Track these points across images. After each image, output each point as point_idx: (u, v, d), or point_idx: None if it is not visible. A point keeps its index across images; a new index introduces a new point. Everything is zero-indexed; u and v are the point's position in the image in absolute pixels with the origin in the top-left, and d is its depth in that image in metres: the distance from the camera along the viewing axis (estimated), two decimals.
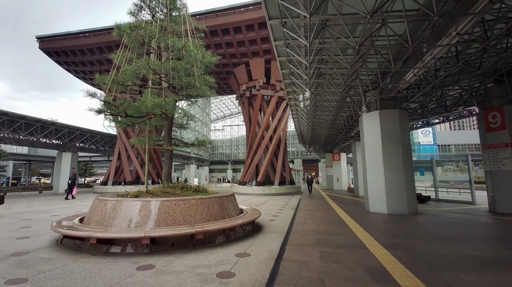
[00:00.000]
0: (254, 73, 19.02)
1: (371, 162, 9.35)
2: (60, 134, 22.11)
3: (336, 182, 25.21)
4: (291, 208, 10.08)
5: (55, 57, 21.72)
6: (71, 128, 22.78)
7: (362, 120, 9.88)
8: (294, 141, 62.90)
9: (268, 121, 19.20)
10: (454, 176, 17.31)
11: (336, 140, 20.49)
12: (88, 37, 19.73)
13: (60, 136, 22.36)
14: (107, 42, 19.24)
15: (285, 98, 19.73)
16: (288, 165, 20.25)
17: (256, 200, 13.58)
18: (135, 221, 4.53)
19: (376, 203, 9.00)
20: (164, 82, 6.40)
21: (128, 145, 22.20)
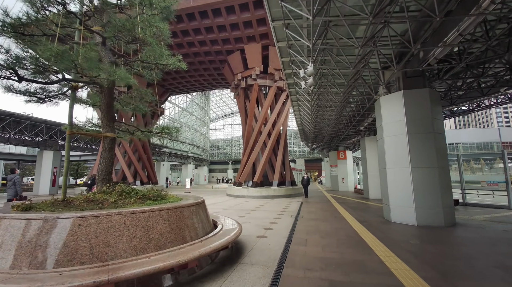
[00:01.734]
0: (250, 61, 17.00)
1: (392, 157, 7.27)
2: (37, 130, 20.24)
3: (341, 182, 23.09)
4: (290, 216, 8.04)
5: None
6: (50, 124, 20.88)
7: (379, 105, 7.80)
8: (296, 139, 60.86)
9: (266, 115, 17.17)
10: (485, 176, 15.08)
11: (342, 136, 18.39)
12: None
13: (37, 132, 20.52)
14: None
15: (284, 89, 17.69)
16: (288, 163, 18.20)
17: (250, 204, 11.55)
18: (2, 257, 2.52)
19: (400, 211, 6.91)
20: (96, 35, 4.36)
21: None
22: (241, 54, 17.32)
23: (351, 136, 18.63)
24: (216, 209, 9.81)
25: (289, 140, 61.41)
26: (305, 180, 15.03)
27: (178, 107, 41.93)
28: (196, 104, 48.82)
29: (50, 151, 21.29)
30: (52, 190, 20.92)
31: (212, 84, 23.29)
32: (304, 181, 15.02)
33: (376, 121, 8.26)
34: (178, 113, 42.64)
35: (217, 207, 10.51)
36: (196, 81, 22.28)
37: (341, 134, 18.25)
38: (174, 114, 41.15)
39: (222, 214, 8.16)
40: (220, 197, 15.46)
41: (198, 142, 49.19)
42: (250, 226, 6.36)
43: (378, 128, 8.12)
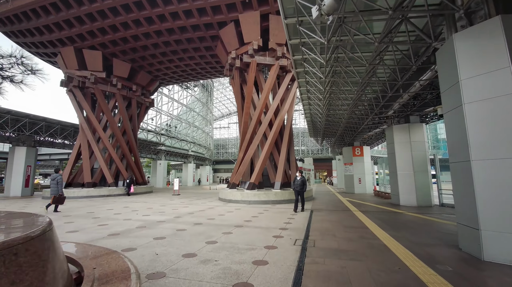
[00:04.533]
0: (247, 34, 13.82)
1: (492, 139, 3.93)
2: (19, 125, 17.74)
3: (357, 183, 19.59)
4: (292, 243, 4.80)
5: None
6: (32, 118, 18.37)
7: (451, 49, 4.45)
8: (305, 138, 57.40)
9: (266, 100, 13.94)
10: None
11: (360, 127, 14.93)
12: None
13: (20, 127, 18.03)
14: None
15: (289, 69, 14.43)
16: (294, 160, 14.91)
17: (240, 215, 8.37)
18: None
19: (507, 243, 3.57)
20: None
21: (92, 138, 17.51)
22: (236, 27, 14.15)
23: (372, 127, 15.15)
24: (186, 223, 6.69)
25: (297, 139, 57.98)
26: (297, 182, 8.87)
27: (177, 103, 39.19)
28: (197, 100, 46.03)
29: (23, 147, 18.74)
30: (25, 191, 18.37)
31: (206, 70, 20.22)
32: (297, 184, 8.86)
33: (442, 81, 4.91)
34: (177, 108, 39.93)
35: (189, 220, 7.37)
36: (187, 65, 19.26)
37: (358, 125, 14.81)
38: (173, 110, 38.43)
39: (188, 233, 5.03)
40: (210, 202, 12.35)
41: (199, 140, 46.37)
42: (212, 275, 3.17)
43: (445, 94, 4.78)
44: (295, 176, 9.07)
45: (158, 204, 11.41)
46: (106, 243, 4.72)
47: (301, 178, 8.93)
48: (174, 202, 12.57)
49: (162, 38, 15.73)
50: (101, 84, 17.94)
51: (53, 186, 8.53)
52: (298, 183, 8.86)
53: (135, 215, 8.15)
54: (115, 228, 6.12)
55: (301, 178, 8.93)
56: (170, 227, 6.15)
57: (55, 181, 8.54)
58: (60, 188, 8.57)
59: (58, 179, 8.58)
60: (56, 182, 8.54)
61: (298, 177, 8.98)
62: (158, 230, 5.80)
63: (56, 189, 8.46)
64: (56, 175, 8.67)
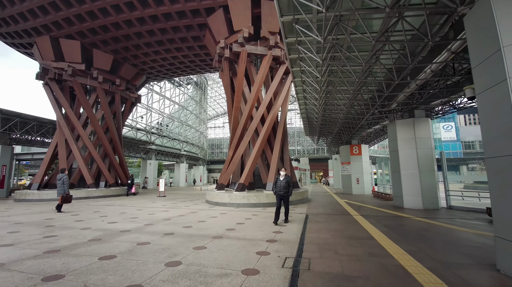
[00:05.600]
0: (237, 22, 12.65)
1: None
2: None
3: (355, 184, 18.59)
4: (280, 262, 3.64)
5: None
6: (5, 113, 16.90)
7: (490, 2, 3.36)
8: (300, 138, 56.52)
9: (258, 94, 12.78)
10: None
11: (358, 124, 13.87)
12: None
13: None
14: None
15: (283, 61, 13.30)
16: (289, 158, 13.79)
17: (223, 222, 7.19)
18: None
19: None
20: None
21: (70, 136, 16.11)
22: (225, 14, 12.97)
23: (372, 123, 14.11)
24: (155, 233, 5.48)
25: (293, 138, 57.03)
26: (280, 183, 6.80)
27: (169, 100, 37.79)
28: (191, 98, 44.68)
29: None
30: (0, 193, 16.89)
31: (195, 63, 18.95)
32: (279, 185, 6.79)
33: (474, 53, 3.80)
34: (168, 106, 38.50)
35: (160, 229, 6.16)
36: (174, 58, 17.97)
37: (357, 121, 13.74)
38: (164, 108, 37.00)
39: (149, 250, 3.85)
40: (194, 206, 11.14)
41: (193, 140, 44.99)
42: None
43: (479, 68, 3.67)
44: (277, 175, 6.96)
45: (135, 208, 10.16)
46: (31, 265, 3.50)
47: (285, 178, 6.78)
48: (155, 205, 11.32)
49: (145, 26, 14.45)
50: (80, 77, 16.56)
51: (59, 186, 8.66)
52: (281, 185, 6.71)
53: (98, 223, 6.91)
54: (60, 241, 4.88)
55: (285, 178, 6.78)
56: (130, 240, 4.94)
57: (61, 181, 8.68)
58: (66, 188, 8.72)
59: (64, 179, 8.72)
60: (62, 182, 8.68)
61: (281, 177, 6.84)
62: (113, 245, 4.59)
63: (62, 189, 8.62)
64: (62, 175, 8.79)
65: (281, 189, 6.71)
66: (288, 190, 6.73)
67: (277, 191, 6.77)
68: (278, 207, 6.73)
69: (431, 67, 6.97)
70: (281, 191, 6.71)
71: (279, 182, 6.81)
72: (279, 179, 6.86)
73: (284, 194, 6.71)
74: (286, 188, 6.71)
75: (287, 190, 6.73)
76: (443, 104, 10.09)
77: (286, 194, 6.73)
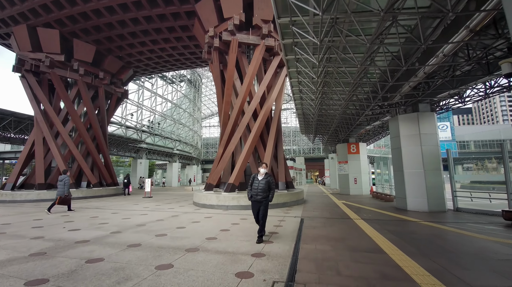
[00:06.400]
0: (227, 8, 11.68)
1: None
2: None
3: (353, 183, 17.79)
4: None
5: None
6: None
7: None
8: (296, 137, 55.83)
9: (250, 87, 11.82)
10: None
11: (357, 119, 13.02)
12: None
13: None
14: None
15: (277, 52, 12.38)
16: (283, 156, 12.87)
17: (208, 227, 6.23)
18: None
19: None
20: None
21: (48, 133, 14.94)
22: (214, 1, 11.99)
23: (372, 119, 13.27)
24: (117, 244, 4.49)
25: (288, 138, 56.29)
26: (258, 184, 4.90)
27: (160, 98, 36.59)
28: (184, 96, 43.51)
29: None
30: None
31: (184, 56, 17.88)
32: (256, 187, 4.90)
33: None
34: (160, 104, 37.27)
35: (126, 238, 5.15)
36: (162, 50, 16.88)
37: (356, 117, 12.89)
38: (156, 105, 35.77)
39: (96, 271, 2.80)
40: (180, 208, 10.15)
41: (186, 139, 43.79)
42: None
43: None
44: (254, 174, 5.11)
45: (111, 211, 9.10)
46: None
47: (266, 178, 4.89)
48: (135, 207, 10.28)
49: (128, 13, 13.37)
50: (59, 69, 15.37)
51: (60, 187, 8.66)
52: (258, 187, 4.82)
53: (56, 231, 5.87)
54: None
55: (265, 178, 4.89)
56: (81, 255, 3.95)
57: (63, 182, 8.68)
58: (67, 189, 8.72)
59: (66, 181, 8.72)
60: (63, 183, 8.67)
61: (260, 176, 4.95)
62: (54, 263, 3.58)
63: (62, 190, 8.63)
64: (63, 177, 8.80)
65: (259, 193, 4.79)
66: (267, 194, 4.84)
67: (253, 195, 4.85)
68: (256, 218, 4.96)
69: (444, 51, 6.10)
70: (258, 195, 4.79)
71: (256, 182, 4.88)
72: (256, 179, 4.93)
73: (262, 200, 4.81)
74: (265, 191, 4.80)
75: (267, 194, 4.83)
76: (450, 96, 9.29)
77: (264, 199, 4.82)
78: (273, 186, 4.91)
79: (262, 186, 4.80)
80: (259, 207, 4.87)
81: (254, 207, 4.97)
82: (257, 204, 4.89)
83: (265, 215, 4.91)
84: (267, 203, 4.90)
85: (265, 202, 4.85)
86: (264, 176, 4.93)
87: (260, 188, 4.80)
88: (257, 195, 4.81)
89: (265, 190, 4.81)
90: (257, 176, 4.99)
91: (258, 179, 4.92)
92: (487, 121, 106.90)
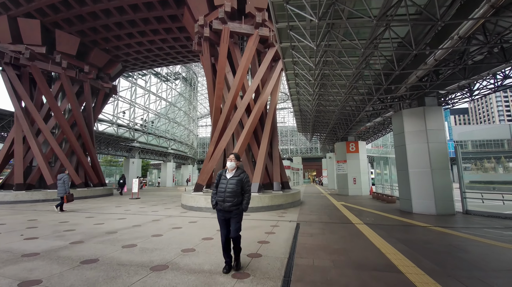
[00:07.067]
0: None
1: None
2: None
3: (352, 184, 17.03)
4: None
5: None
6: None
7: None
8: (293, 137, 55.15)
9: (243, 80, 10.99)
10: None
11: (357, 115, 12.25)
12: None
13: None
14: None
15: (272, 43, 11.56)
16: (278, 154, 12.05)
17: (189, 235, 5.40)
18: None
19: None
20: None
21: (29, 130, 13.98)
22: None
23: (373, 115, 12.51)
24: (70, 259, 3.62)
25: (285, 137, 55.58)
26: (226, 185, 3.32)
27: (154, 95, 35.60)
28: (179, 94, 42.55)
29: None
30: None
31: (175, 50, 16.98)
32: (223, 190, 3.32)
33: None
34: (154, 102, 36.26)
35: (86, 251, 4.28)
36: (151, 42, 15.97)
37: (356, 113, 12.11)
38: (149, 103, 34.76)
39: None
40: (165, 210, 9.29)
41: (181, 138, 42.82)
42: None
43: None
44: (221, 170, 3.53)
45: (86, 215, 8.21)
46: None
47: (236, 175, 3.38)
48: (116, 210, 9.39)
49: (113, 1, 12.46)
50: (41, 62, 14.42)
51: (60, 186, 8.72)
52: (226, 189, 3.31)
53: (12, 238, 5.01)
54: None
55: (236, 175, 3.38)
56: (15, 275, 3.10)
57: (62, 180, 8.77)
58: (67, 187, 8.83)
59: (65, 179, 8.84)
60: (62, 181, 8.77)
61: (229, 173, 3.42)
62: None
63: (63, 189, 8.72)
64: (62, 175, 8.92)
65: (227, 198, 3.26)
66: (240, 200, 3.32)
67: (218, 201, 3.34)
68: (224, 238, 3.30)
69: (459, 33, 5.33)
70: (226, 201, 3.26)
71: (224, 182, 3.36)
72: (223, 177, 3.42)
73: (232, 208, 3.26)
74: (236, 195, 3.28)
75: (239, 200, 3.31)
76: (459, 89, 8.54)
77: (235, 208, 3.28)
78: (247, 187, 3.36)
79: (231, 188, 3.26)
80: (229, 221, 3.30)
81: (220, 221, 3.34)
82: (224, 215, 3.30)
83: (237, 236, 3.28)
84: (240, 214, 3.32)
85: (236, 213, 3.27)
86: (234, 173, 3.37)
87: (229, 191, 3.25)
88: (224, 201, 3.25)
89: (236, 194, 3.26)
90: (225, 173, 3.43)
91: (226, 178, 3.37)
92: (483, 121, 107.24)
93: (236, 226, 3.27)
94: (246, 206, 3.34)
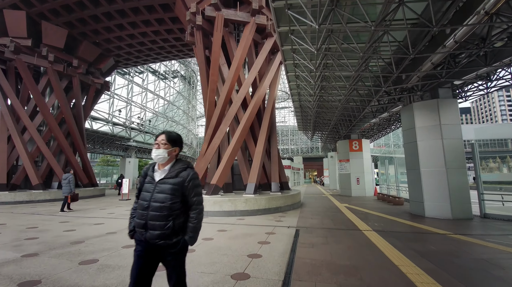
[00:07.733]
0: None
1: None
2: None
3: (355, 184, 16.17)
4: None
5: None
6: None
7: None
8: (294, 136, 54.28)
9: (239, 72, 10.16)
10: None
11: (362, 111, 11.40)
12: None
13: None
14: None
15: (270, 33, 10.75)
16: (277, 152, 11.20)
17: None
18: None
19: None
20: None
21: (14, 128, 13.22)
22: None
23: (379, 110, 11.65)
24: (18, 280, 2.81)
25: (286, 137, 54.72)
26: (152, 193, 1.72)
27: (151, 93, 34.83)
28: (178, 93, 41.79)
29: None
30: None
31: (169, 43, 16.15)
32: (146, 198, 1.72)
33: None
34: (152, 100, 35.49)
35: (34, 268, 3.46)
36: (143, 35, 15.16)
37: (361, 108, 11.26)
38: (146, 102, 33.99)
39: None
40: None
41: None
42: None
43: None
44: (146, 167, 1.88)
45: (61, 219, 7.40)
46: None
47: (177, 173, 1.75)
48: (97, 214, 8.59)
49: None
50: (26, 55, 13.65)
51: (65, 186, 8.75)
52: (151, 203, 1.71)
53: None
54: None
55: (172, 171, 1.76)
56: None
57: (67, 180, 8.81)
58: (72, 187, 8.88)
59: (70, 178, 8.86)
60: (67, 181, 8.79)
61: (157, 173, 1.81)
62: None
63: (68, 189, 8.76)
64: (67, 175, 8.94)
65: (150, 221, 1.69)
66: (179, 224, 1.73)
67: (137, 225, 1.77)
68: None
69: (485, 7, 4.51)
70: (149, 227, 1.70)
71: (148, 187, 1.78)
72: (149, 177, 1.83)
73: (161, 243, 1.68)
74: (169, 214, 1.69)
75: (177, 224, 1.72)
76: (478, 78, 7.68)
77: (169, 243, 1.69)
78: (195, 198, 1.77)
79: (161, 200, 1.71)
80: (152, 264, 1.77)
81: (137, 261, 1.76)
82: (142, 247, 1.77)
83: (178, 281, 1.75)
84: (182, 253, 1.78)
85: (173, 252, 1.73)
86: (169, 170, 1.80)
87: (156, 206, 1.70)
88: (147, 227, 1.72)
89: (171, 211, 1.70)
90: (152, 172, 1.84)
91: (153, 179, 1.80)
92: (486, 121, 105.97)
93: (175, 278, 1.71)
94: (193, 235, 1.73)
